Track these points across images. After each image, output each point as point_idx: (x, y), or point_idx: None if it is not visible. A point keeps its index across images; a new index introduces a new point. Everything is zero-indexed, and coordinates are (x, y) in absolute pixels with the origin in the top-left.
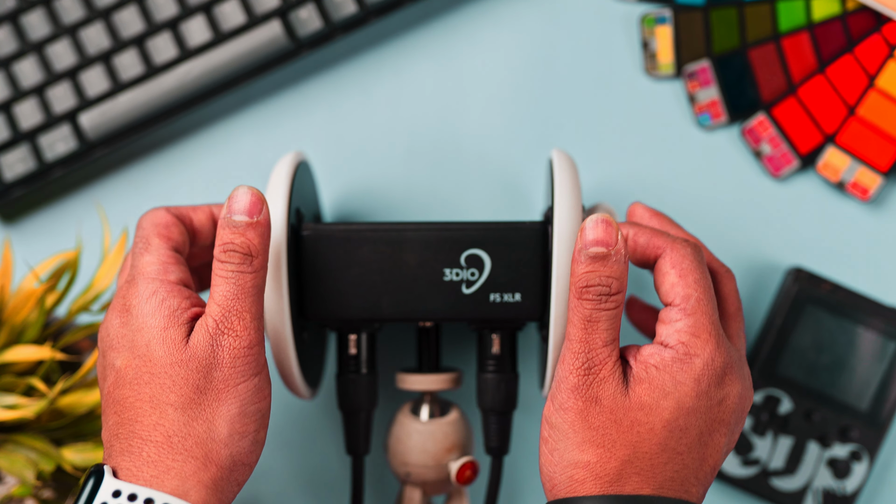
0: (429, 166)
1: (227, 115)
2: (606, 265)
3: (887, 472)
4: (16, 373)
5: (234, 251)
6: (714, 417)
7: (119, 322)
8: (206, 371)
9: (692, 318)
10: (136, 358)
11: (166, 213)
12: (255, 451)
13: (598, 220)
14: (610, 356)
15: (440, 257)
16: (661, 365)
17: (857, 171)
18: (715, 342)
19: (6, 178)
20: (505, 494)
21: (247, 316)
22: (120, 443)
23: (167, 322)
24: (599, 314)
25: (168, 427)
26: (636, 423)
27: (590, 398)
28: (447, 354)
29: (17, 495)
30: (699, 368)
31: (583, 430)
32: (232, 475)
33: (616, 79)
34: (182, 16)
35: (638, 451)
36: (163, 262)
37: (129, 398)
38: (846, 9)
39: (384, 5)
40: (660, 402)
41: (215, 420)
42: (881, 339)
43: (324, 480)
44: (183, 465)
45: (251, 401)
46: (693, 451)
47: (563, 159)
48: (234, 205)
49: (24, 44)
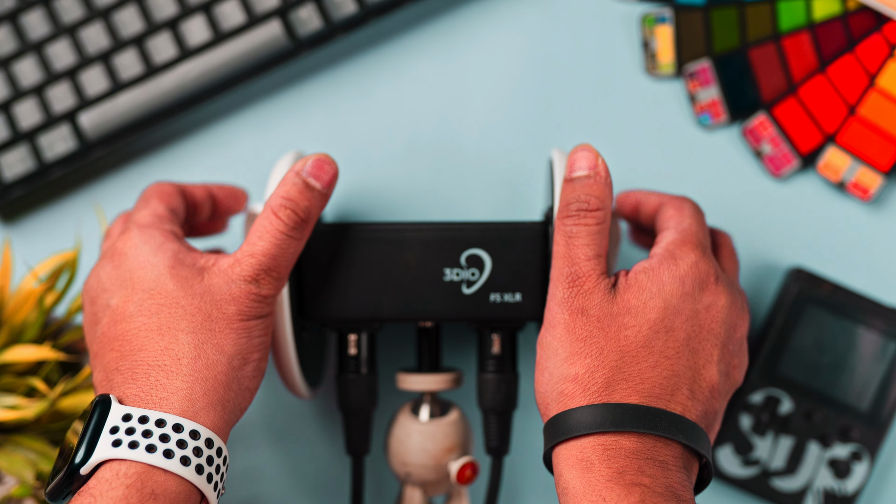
0: (429, 166)
1: (227, 115)
2: (587, 184)
3: (888, 472)
4: (16, 373)
5: (294, 212)
6: (701, 324)
7: (111, 266)
8: (221, 304)
9: (681, 235)
10: (139, 292)
11: (169, 184)
12: (257, 377)
13: (580, 148)
14: (594, 269)
15: (440, 257)
16: (649, 268)
17: (857, 171)
18: (700, 251)
19: (6, 178)
20: (505, 494)
21: (275, 274)
22: (122, 374)
23: (173, 262)
24: (580, 229)
25: (178, 350)
26: (623, 327)
27: (576, 310)
28: (447, 354)
29: (16, 496)
30: (683, 269)
31: (571, 342)
32: (237, 398)
33: (616, 79)
34: (182, 15)
35: (625, 356)
36: (157, 215)
37: (132, 330)
38: (847, 8)
39: (384, 5)
40: (647, 303)
41: (225, 344)
42: (881, 339)
43: (324, 480)
44: (192, 387)
45: (258, 333)
46: (682, 356)
47: (563, 159)
48: (313, 168)
49: (23, 43)
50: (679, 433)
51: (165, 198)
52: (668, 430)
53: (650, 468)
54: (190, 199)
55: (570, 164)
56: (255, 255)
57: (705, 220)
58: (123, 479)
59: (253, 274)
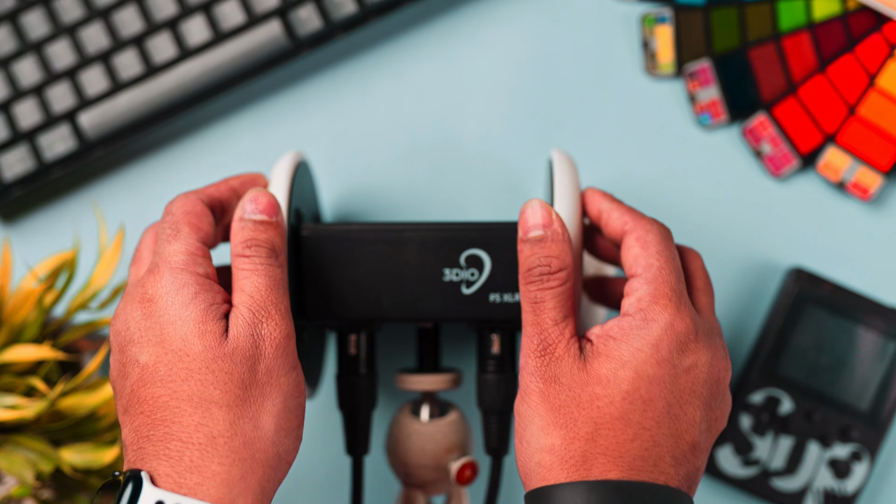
0: (429, 166)
1: (227, 115)
2: (545, 245)
3: (888, 472)
4: (15, 373)
5: (260, 246)
6: (682, 388)
7: (141, 314)
8: (251, 363)
9: (652, 286)
10: (169, 353)
11: (198, 202)
12: (296, 447)
13: (533, 204)
14: (562, 334)
15: (440, 257)
16: (619, 334)
17: (857, 171)
18: (675, 307)
19: (5, 178)
20: (505, 495)
21: (281, 307)
22: (153, 445)
23: (204, 316)
24: (544, 294)
25: (213, 427)
26: (595, 398)
27: (548, 378)
28: (447, 354)
29: (16, 495)
30: (657, 333)
31: (545, 412)
32: (276, 475)
33: (616, 79)
34: (181, 15)
35: (600, 427)
36: (191, 254)
37: (161, 397)
38: (847, 8)
39: (384, 5)
40: (617, 373)
41: (262, 417)
42: (881, 339)
43: (324, 480)
44: (229, 470)
45: (293, 394)
46: (663, 425)
47: (563, 159)
48: (252, 206)
49: (23, 43)
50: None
51: (195, 223)
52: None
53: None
54: (217, 207)
55: (522, 222)
56: (252, 295)
57: (673, 245)
58: None
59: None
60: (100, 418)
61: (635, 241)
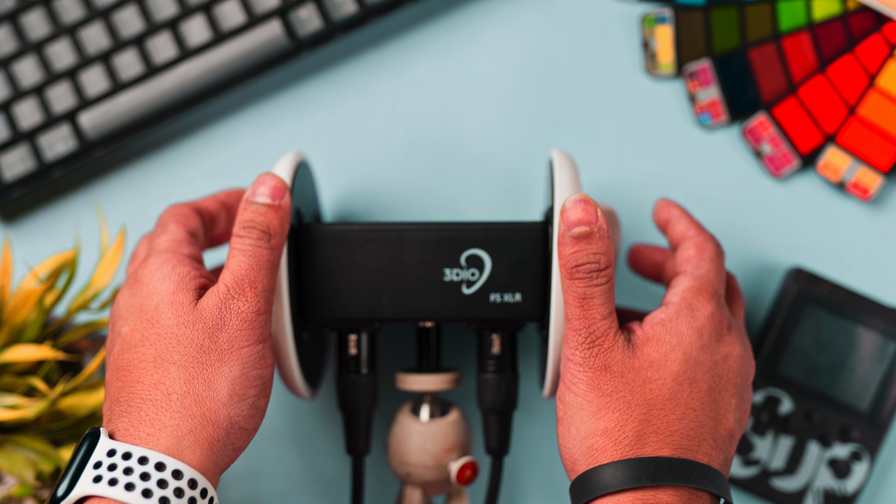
0: (429, 166)
1: (227, 115)
2: (592, 242)
3: (888, 472)
4: (16, 373)
5: (254, 227)
6: (720, 374)
7: (129, 293)
8: (212, 332)
9: (698, 282)
10: (143, 321)
11: (186, 206)
12: (255, 416)
13: (577, 199)
14: (610, 327)
15: (440, 257)
16: (666, 320)
17: (857, 171)
18: (717, 302)
19: (6, 178)
20: (505, 494)
21: (259, 285)
22: (120, 406)
23: (176, 287)
24: (593, 290)
25: (168, 385)
26: (648, 381)
27: (598, 367)
28: (447, 354)
29: (16, 495)
30: (701, 320)
31: (596, 398)
32: (229, 438)
33: (616, 79)
34: (182, 15)
35: (652, 408)
36: (176, 240)
37: (132, 360)
38: (847, 8)
39: (384, 5)
40: (668, 355)
41: (216, 379)
42: (881, 339)
43: (324, 480)
44: (179, 424)
45: (253, 366)
46: (706, 407)
47: (563, 159)
48: (259, 187)
49: (23, 43)
50: (709, 483)
51: (182, 220)
52: (699, 482)
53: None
54: (206, 216)
55: (567, 217)
56: (234, 272)
57: (723, 261)
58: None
59: (236, 287)
60: (100, 418)
61: (693, 245)
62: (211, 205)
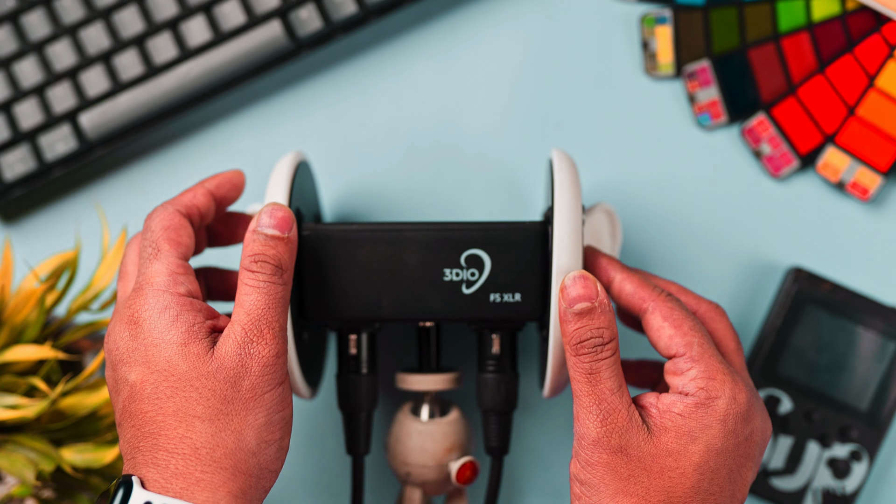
0: (429, 166)
1: (227, 115)
2: (594, 317)
3: (887, 471)
4: (16, 373)
5: (266, 262)
6: (742, 454)
7: (129, 335)
8: (235, 381)
9: (702, 364)
10: (154, 373)
11: (175, 214)
12: (281, 457)
13: (577, 276)
14: (622, 402)
15: (440, 257)
16: (686, 412)
17: (856, 171)
18: (731, 381)
19: (6, 178)
20: (505, 494)
21: (275, 325)
22: (143, 455)
23: (186, 338)
24: (599, 364)
25: (195, 439)
26: (666, 469)
27: (614, 449)
28: (447, 354)
29: (17, 495)
30: (723, 409)
31: (614, 481)
32: (259, 483)
33: (616, 79)
34: (182, 16)
35: (671, 497)
36: (172, 273)
37: (148, 412)
38: (846, 9)
39: (384, 5)
40: (688, 447)
41: (244, 430)
42: (881, 339)
43: (324, 480)
44: (212, 477)
45: (276, 409)
46: (725, 489)
47: (563, 159)
48: (267, 219)
49: (24, 44)
50: None
51: (174, 238)
52: None
53: None
54: (195, 214)
55: (567, 293)
56: (251, 312)
57: (693, 315)
58: None
59: (253, 330)
60: (100, 418)
61: (663, 320)
62: (201, 201)
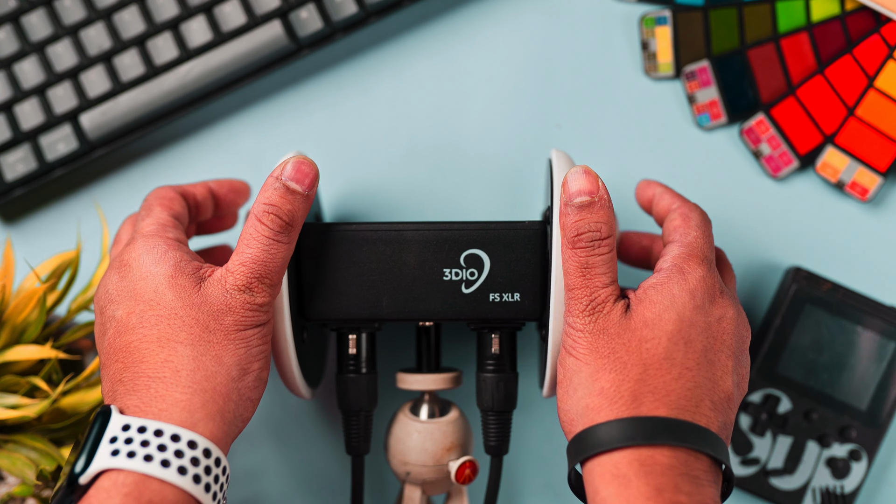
0: (429, 166)
1: (228, 116)
2: (594, 211)
3: (886, 471)
4: (17, 372)
5: (278, 216)
6: (715, 335)
7: (117, 277)
8: (218, 315)
9: (687, 249)
10: (141, 303)
11: (171, 189)
12: (259, 387)
13: (580, 170)
14: (612, 295)
15: (440, 257)
16: (658, 283)
17: (856, 172)
18: (707, 266)
19: (7, 178)
20: (504, 494)
21: (267, 280)
22: (124, 385)
23: (174, 271)
24: (595, 259)
25: (177, 362)
26: (643, 340)
27: (596, 332)
28: (447, 354)
29: (17, 495)
30: (693, 282)
31: (594, 360)
32: (237, 409)
33: (616, 79)
34: (183, 16)
35: (648, 368)
36: (161, 224)
37: (134, 342)
38: (845, 9)
39: (384, 6)
40: (662, 315)
41: (224, 356)
42: (880, 338)
43: (324, 480)
44: (191, 398)
45: (256, 343)
46: (702, 367)
47: (563, 159)
48: (293, 171)
49: (25, 44)
50: (707, 446)
51: (167, 203)
52: (696, 443)
53: (686, 485)
54: (191, 201)
55: (568, 187)
56: (246, 264)
57: (711, 228)
58: (121, 489)
59: (245, 282)
60: None
61: (679, 215)
62: (198, 190)
